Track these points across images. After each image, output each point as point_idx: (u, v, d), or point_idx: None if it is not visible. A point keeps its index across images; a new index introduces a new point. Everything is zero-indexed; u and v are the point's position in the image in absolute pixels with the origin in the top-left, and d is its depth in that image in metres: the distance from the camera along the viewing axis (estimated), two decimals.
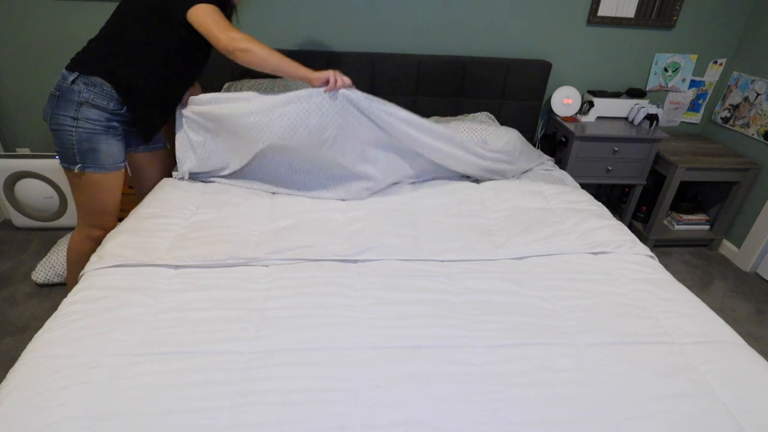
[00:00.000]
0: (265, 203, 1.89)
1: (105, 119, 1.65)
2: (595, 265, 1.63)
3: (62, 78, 1.61)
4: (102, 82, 1.61)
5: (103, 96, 1.62)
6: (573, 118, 2.78)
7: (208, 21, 1.56)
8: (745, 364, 1.26)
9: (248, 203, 1.86)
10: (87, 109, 1.61)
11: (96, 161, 1.67)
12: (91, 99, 1.60)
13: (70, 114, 1.60)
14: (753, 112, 2.72)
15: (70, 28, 2.44)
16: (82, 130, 1.62)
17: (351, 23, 2.58)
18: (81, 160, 1.65)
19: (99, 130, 1.64)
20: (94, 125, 1.63)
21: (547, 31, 2.71)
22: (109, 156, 1.70)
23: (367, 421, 1.04)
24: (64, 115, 1.60)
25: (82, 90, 1.59)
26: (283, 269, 1.53)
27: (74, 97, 1.59)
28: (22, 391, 1.06)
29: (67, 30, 2.45)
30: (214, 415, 1.04)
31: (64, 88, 1.59)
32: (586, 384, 1.17)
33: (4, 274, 2.36)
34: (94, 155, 1.66)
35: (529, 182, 2.15)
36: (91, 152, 1.65)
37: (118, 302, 1.34)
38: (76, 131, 1.61)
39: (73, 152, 1.64)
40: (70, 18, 2.42)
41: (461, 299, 1.44)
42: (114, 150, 1.71)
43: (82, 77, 1.59)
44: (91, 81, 1.60)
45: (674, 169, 2.64)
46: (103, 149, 1.67)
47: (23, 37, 2.45)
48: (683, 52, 2.84)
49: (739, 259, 2.84)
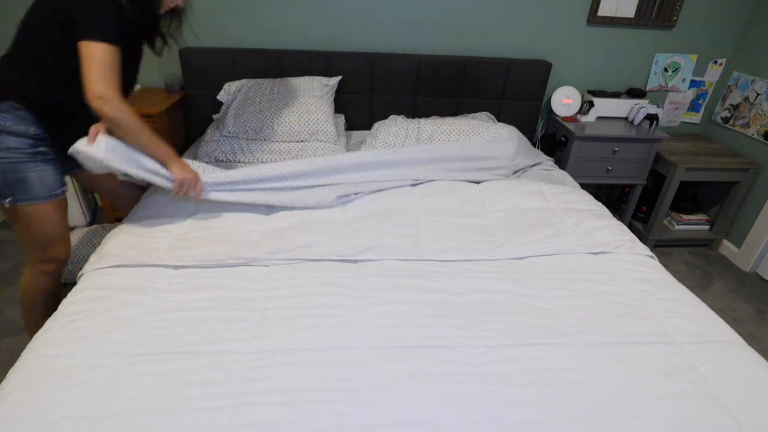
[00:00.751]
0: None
1: (28, 146, 1.44)
2: (595, 265, 1.63)
3: None
4: (15, 107, 1.41)
5: (21, 121, 1.41)
6: (573, 118, 2.78)
7: (93, 60, 1.35)
8: (745, 364, 1.26)
9: (248, 203, 1.86)
10: (4, 137, 1.40)
11: (27, 192, 1.46)
12: (7, 126, 1.39)
13: None
14: (753, 112, 2.72)
15: None
16: (4, 160, 1.41)
17: (350, 23, 2.58)
18: (11, 193, 1.45)
19: (23, 158, 1.43)
20: (16, 154, 1.42)
21: (547, 31, 2.71)
22: (42, 185, 1.48)
23: (367, 421, 1.04)
24: None
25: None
26: (283, 269, 1.53)
27: None
28: (22, 391, 1.06)
29: None
30: (214, 415, 1.04)
31: None
32: (586, 384, 1.17)
33: (4, 274, 2.36)
34: (24, 186, 1.45)
35: (529, 182, 2.15)
36: (19, 183, 1.44)
37: (117, 302, 1.34)
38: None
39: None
40: None
41: (461, 299, 1.44)
42: (47, 176, 1.49)
43: None
44: (2, 107, 1.39)
45: (674, 169, 2.64)
46: (33, 178, 1.46)
47: None
48: (683, 52, 2.84)
49: (739, 259, 2.84)
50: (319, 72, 2.53)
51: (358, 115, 2.68)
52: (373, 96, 2.64)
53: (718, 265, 2.86)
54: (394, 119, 2.45)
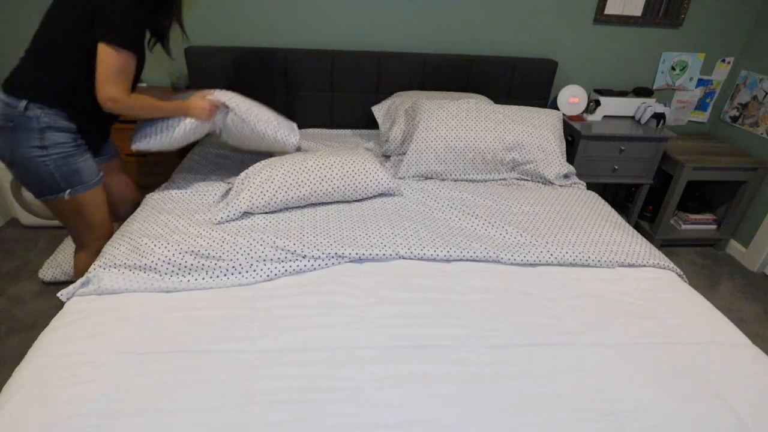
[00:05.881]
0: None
1: (72, 139, 1.54)
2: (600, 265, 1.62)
3: (7, 106, 1.45)
4: (48, 105, 1.48)
5: (59, 118, 1.50)
6: (579, 117, 2.77)
7: (106, 65, 1.44)
8: (752, 364, 1.26)
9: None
10: (52, 133, 1.48)
11: (81, 181, 1.58)
12: (53, 122, 1.48)
13: (35, 144, 1.46)
14: (762, 111, 2.70)
15: None
16: (55, 156, 1.50)
17: (355, 21, 2.57)
18: (67, 185, 1.55)
19: (71, 151, 1.54)
20: (65, 148, 1.52)
21: (553, 29, 2.69)
22: (90, 172, 1.61)
23: (372, 421, 1.04)
24: (29, 147, 1.46)
25: (39, 115, 1.46)
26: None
27: (33, 125, 1.45)
28: (29, 388, 1.07)
29: None
30: (220, 414, 1.04)
31: (17, 117, 1.44)
32: (590, 384, 1.17)
33: (12, 272, 2.37)
34: (78, 176, 1.57)
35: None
36: (74, 174, 1.55)
37: (124, 301, 1.35)
38: (49, 159, 1.49)
39: (54, 181, 1.53)
40: None
41: (466, 299, 1.44)
42: (91, 164, 1.62)
43: (34, 104, 1.45)
44: (39, 106, 1.46)
45: (681, 169, 2.63)
46: (83, 167, 1.58)
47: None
48: (691, 51, 2.82)
49: (747, 259, 2.81)
50: (323, 70, 2.53)
51: (363, 114, 2.68)
52: (378, 95, 2.63)
53: (725, 265, 2.84)
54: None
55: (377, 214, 1.81)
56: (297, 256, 1.54)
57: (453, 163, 2.13)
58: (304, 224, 1.71)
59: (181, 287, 1.42)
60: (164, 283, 1.42)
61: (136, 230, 1.60)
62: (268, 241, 1.56)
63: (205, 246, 1.52)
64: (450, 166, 2.14)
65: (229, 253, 1.51)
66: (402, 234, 1.68)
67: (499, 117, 2.20)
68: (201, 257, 1.49)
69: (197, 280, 1.44)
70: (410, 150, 2.13)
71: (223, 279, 1.46)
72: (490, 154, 2.13)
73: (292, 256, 1.54)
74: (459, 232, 1.73)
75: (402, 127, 2.26)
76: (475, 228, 1.77)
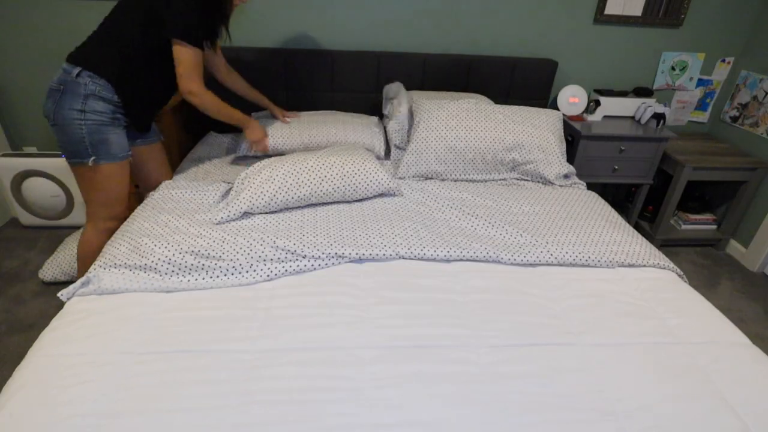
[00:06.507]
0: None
1: (111, 111, 1.66)
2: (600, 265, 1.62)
3: (65, 72, 1.61)
4: (98, 76, 1.62)
5: (105, 89, 1.63)
6: (579, 117, 2.77)
7: (183, 61, 1.68)
8: (752, 364, 1.26)
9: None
10: (94, 101, 1.61)
11: (108, 152, 1.68)
12: (97, 91, 1.61)
13: (76, 107, 1.60)
14: (762, 111, 2.70)
15: (75, 26, 2.45)
16: (90, 122, 1.62)
17: (356, 22, 2.57)
18: (93, 152, 1.66)
19: (107, 121, 1.66)
20: (102, 117, 1.64)
21: (553, 29, 2.69)
22: (120, 146, 1.72)
23: (372, 421, 1.04)
24: (70, 109, 1.59)
25: (87, 83, 1.60)
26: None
27: (80, 90, 1.59)
28: (29, 388, 1.07)
29: (73, 28, 2.46)
30: (220, 414, 1.04)
31: (69, 82, 1.59)
32: (591, 384, 1.17)
33: (12, 272, 2.37)
34: (106, 146, 1.67)
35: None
36: (102, 143, 1.66)
37: (124, 301, 1.35)
38: (85, 124, 1.61)
39: (84, 145, 1.64)
40: (75, 16, 2.43)
41: (466, 299, 1.44)
42: (122, 140, 1.73)
43: (86, 71, 1.60)
44: (90, 75, 1.61)
45: (681, 169, 2.63)
46: (113, 140, 1.69)
47: (29, 36, 2.46)
48: (691, 51, 2.82)
49: (747, 259, 2.81)
50: (325, 70, 2.53)
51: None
52: (378, 95, 2.63)
53: (725, 265, 2.84)
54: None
55: (377, 214, 1.81)
56: (297, 256, 1.54)
57: (453, 163, 2.14)
58: (304, 224, 1.71)
59: (182, 287, 1.42)
60: (164, 283, 1.42)
61: (137, 230, 1.60)
62: (268, 241, 1.56)
63: (205, 246, 1.52)
64: (450, 166, 2.14)
65: (229, 253, 1.51)
66: (402, 234, 1.68)
67: (499, 117, 2.20)
68: (201, 257, 1.49)
69: (197, 280, 1.45)
70: (410, 150, 2.13)
71: (223, 279, 1.46)
72: (490, 154, 2.14)
73: (292, 256, 1.54)
74: (459, 232, 1.73)
75: (408, 107, 2.33)
76: (475, 228, 1.77)
